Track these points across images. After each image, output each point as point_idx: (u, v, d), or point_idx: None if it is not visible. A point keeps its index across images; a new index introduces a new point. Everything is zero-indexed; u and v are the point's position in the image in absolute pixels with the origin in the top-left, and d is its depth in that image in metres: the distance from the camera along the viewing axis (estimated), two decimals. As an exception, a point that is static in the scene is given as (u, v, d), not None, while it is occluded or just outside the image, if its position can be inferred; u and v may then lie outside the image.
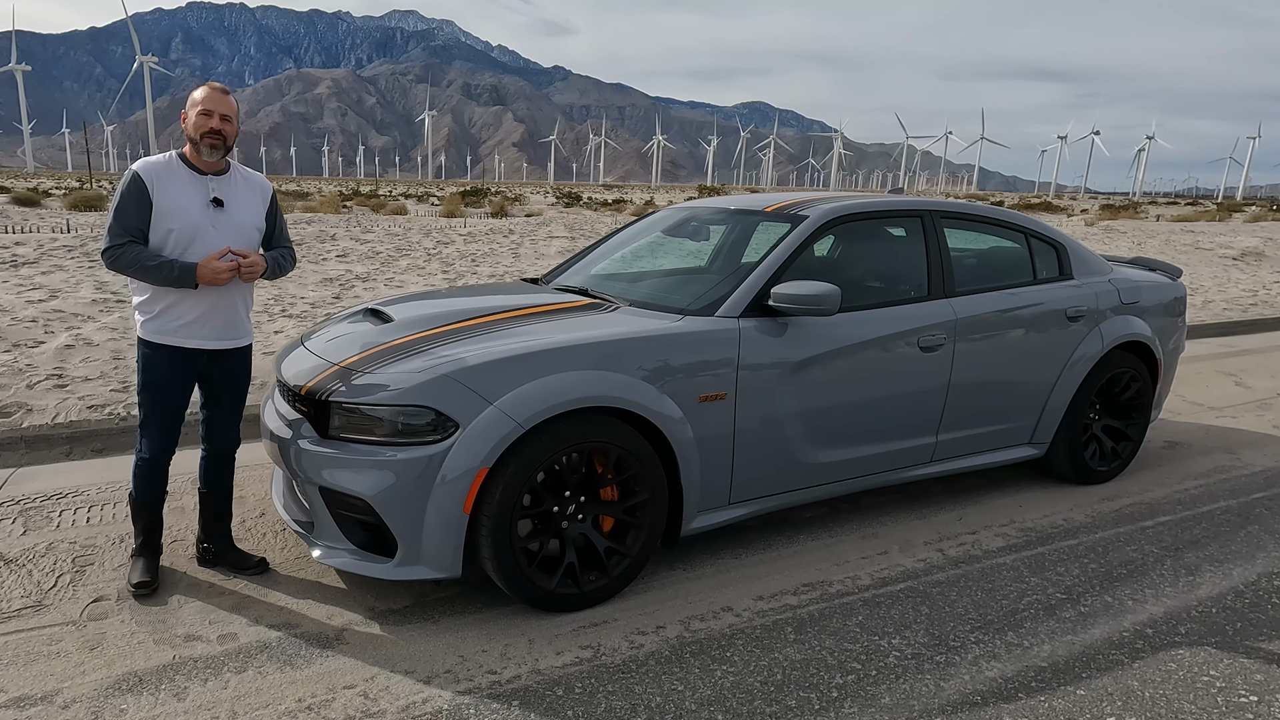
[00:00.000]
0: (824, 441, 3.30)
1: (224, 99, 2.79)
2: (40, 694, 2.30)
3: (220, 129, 2.73)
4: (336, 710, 2.28)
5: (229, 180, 2.84)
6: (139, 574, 2.89)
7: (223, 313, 2.84)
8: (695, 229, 4.31)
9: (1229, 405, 5.79)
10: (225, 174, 2.84)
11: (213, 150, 2.74)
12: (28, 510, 3.52)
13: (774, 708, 2.33)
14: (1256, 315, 9.41)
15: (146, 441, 2.89)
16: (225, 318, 2.85)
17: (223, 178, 2.83)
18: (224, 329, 2.86)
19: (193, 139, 2.74)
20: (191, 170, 2.77)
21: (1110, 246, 17.06)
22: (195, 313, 2.78)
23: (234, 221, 2.81)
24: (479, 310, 3.28)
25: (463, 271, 10.53)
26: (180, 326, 2.78)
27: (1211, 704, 2.38)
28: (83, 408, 4.56)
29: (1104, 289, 4.16)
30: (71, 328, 6.47)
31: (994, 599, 2.98)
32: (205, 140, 2.72)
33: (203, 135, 2.71)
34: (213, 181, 2.79)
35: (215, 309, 2.81)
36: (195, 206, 2.73)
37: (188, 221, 2.71)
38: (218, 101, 2.75)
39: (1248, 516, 3.81)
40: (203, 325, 2.81)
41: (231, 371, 2.96)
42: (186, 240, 2.71)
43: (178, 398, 2.87)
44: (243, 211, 2.84)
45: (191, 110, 2.73)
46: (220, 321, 2.84)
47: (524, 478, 2.63)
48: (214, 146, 2.74)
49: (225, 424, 3.02)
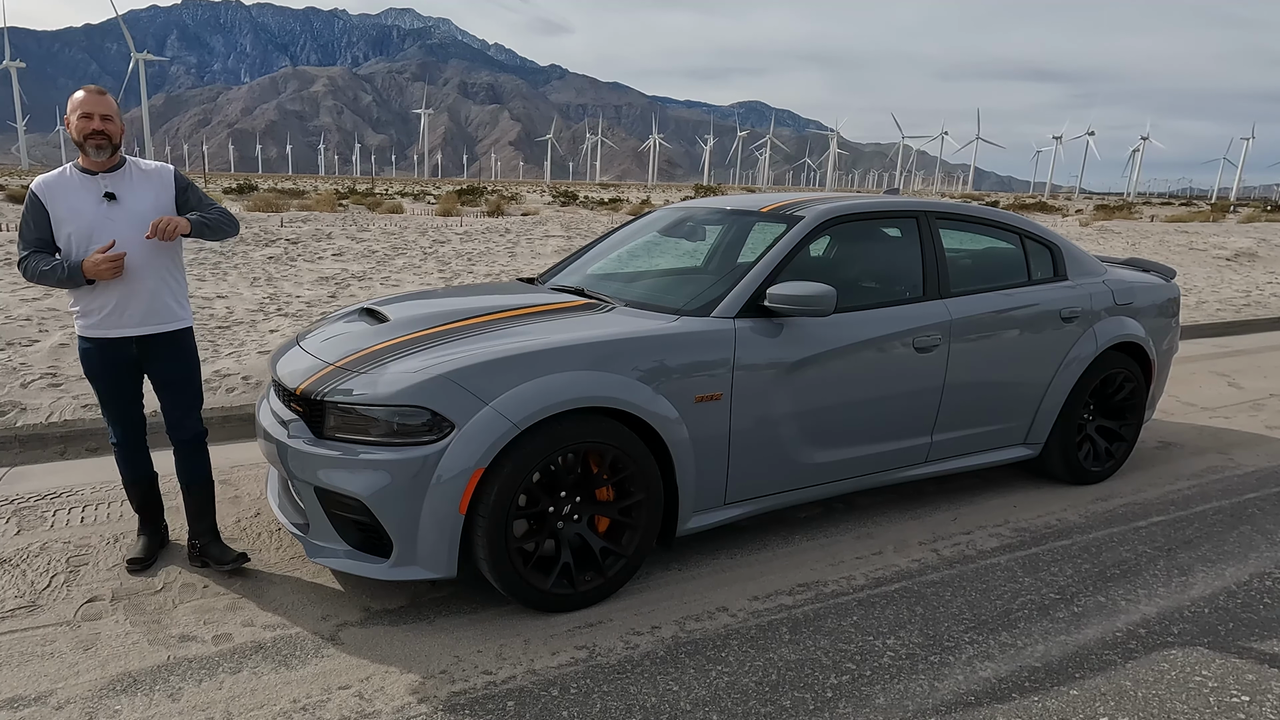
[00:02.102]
0: (819, 442, 3.30)
1: (101, 99, 2.87)
2: (34, 695, 2.30)
3: (102, 129, 2.81)
4: (331, 711, 2.27)
5: (123, 175, 2.91)
6: (137, 550, 3.08)
7: (141, 299, 2.90)
8: (691, 229, 4.31)
9: (1222, 406, 5.81)
10: (119, 169, 2.91)
11: (99, 150, 2.82)
12: (21, 510, 3.51)
13: (769, 708, 2.34)
14: (1250, 316, 9.45)
15: (111, 429, 3.05)
16: (143, 304, 2.91)
17: (115, 173, 2.90)
18: (144, 315, 2.92)
19: (78, 142, 2.83)
20: (84, 174, 2.86)
21: (1105, 247, 17.11)
22: (110, 303, 2.87)
23: (130, 212, 2.86)
24: (475, 310, 3.28)
25: (459, 271, 10.52)
26: (102, 319, 2.88)
27: (1204, 704, 2.39)
28: (77, 407, 4.55)
29: (1098, 290, 4.18)
30: (65, 326, 6.45)
31: (988, 599, 2.99)
32: (90, 141, 2.81)
33: (86, 137, 2.81)
34: (105, 179, 2.86)
35: (130, 297, 2.88)
36: (88, 206, 2.82)
37: (81, 222, 2.81)
38: (96, 103, 2.83)
39: (1240, 517, 3.83)
40: (120, 314, 2.89)
41: (169, 357, 3.00)
42: (84, 239, 2.81)
43: (121, 386, 2.98)
44: (140, 202, 2.90)
45: (73, 115, 2.82)
46: (138, 308, 2.90)
47: (519, 478, 2.63)
48: (99, 146, 2.82)
49: (182, 413, 3.06)
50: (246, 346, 6.00)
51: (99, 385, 2.97)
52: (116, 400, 2.99)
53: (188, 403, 3.06)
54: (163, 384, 3.02)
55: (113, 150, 2.87)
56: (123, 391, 2.99)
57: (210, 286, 8.54)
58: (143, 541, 3.11)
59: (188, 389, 3.06)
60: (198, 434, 3.10)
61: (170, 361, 3.00)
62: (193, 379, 3.08)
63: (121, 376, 2.96)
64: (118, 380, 2.96)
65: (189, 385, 3.07)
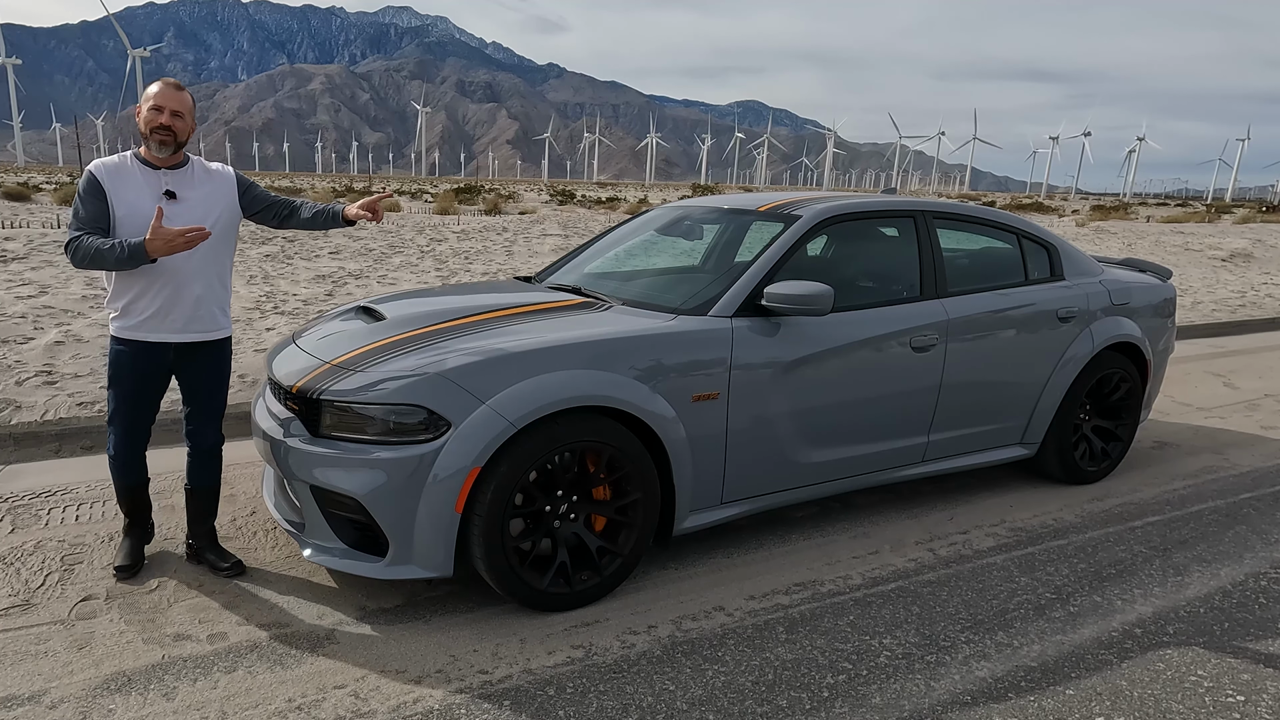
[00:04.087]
0: (816, 441, 3.30)
1: (177, 95, 2.76)
2: (28, 694, 2.29)
3: (170, 124, 2.71)
4: (327, 710, 2.27)
5: (186, 174, 2.82)
6: (122, 557, 2.95)
7: (186, 305, 2.80)
8: (689, 228, 4.31)
9: (1217, 406, 5.83)
10: (182, 168, 2.82)
11: (162, 146, 2.73)
12: (16, 508, 3.50)
13: (765, 707, 2.34)
14: (1245, 316, 9.47)
15: (114, 437, 2.90)
16: (189, 310, 2.81)
17: (178, 171, 2.81)
18: (189, 321, 2.83)
19: (144, 134, 2.73)
20: (146, 167, 2.76)
21: (1101, 247, 17.14)
22: (155, 305, 2.76)
23: (190, 214, 2.77)
24: (472, 309, 3.27)
25: (456, 269, 10.51)
26: (143, 320, 2.77)
27: (1199, 703, 2.40)
28: (72, 404, 4.54)
29: (1095, 290, 4.18)
30: (61, 324, 6.43)
31: (984, 599, 3.00)
32: (155, 135, 2.71)
33: (152, 130, 2.70)
34: (167, 175, 2.78)
35: (176, 300, 2.78)
36: (146, 201, 2.72)
37: (139, 217, 2.70)
38: (169, 97, 2.73)
39: (1235, 517, 3.84)
40: (164, 318, 2.78)
41: (204, 367, 2.92)
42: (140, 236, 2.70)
43: (144, 394, 2.86)
44: (200, 204, 2.81)
45: (144, 105, 2.73)
46: (184, 314, 2.81)
47: (516, 477, 2.63)
48: (163, 142, 2.72)
49: (204, 421, 2.98)
50: (243, 344, 5.99)
51: (122, 389, 2.83)
52: (135, 408, 2.86)
53: (214, 411, 3.00)
54: (193, 392, 2.94)
55: (177, 148, 2.77)
56: (144, 399, 2.87)
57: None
58: (128, 546, 2.99)
59: (217, 397, 3.00)
60: (217, 442, 3.04)
61: (206, 370, 2.92)
62: (224, 388, 3.01)
63: (150, 383, 2.85)
64: (144, 387, 2.84)
65: (219, 394, 3.00)
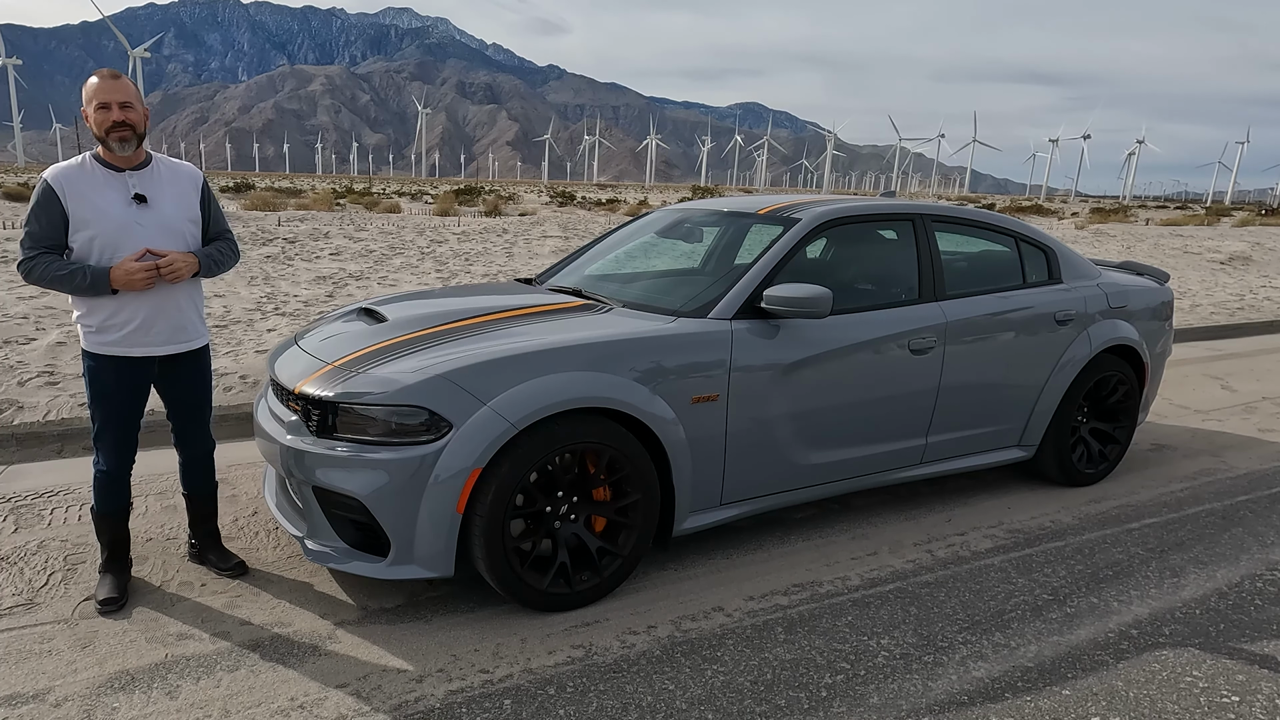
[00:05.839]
0: (815, 443, 3.32)
1: (118, 84, 2.52)
2: (32, 692, 2.30)
3: (124, 119, 2.49)
4: (329, 709, 2.28)
5: (151, 173, 2.62)
6: (105, 590, 2.76)
7: (168, 316, 2.66)
8: (689, 230, 4.33)
9: (1215, 408, 5.84)
10: (146, 166, 2.62)
11: (123, 143, 2.52)
12: (19, 508, 3.51)
13: (764, 707, 2.35)
14: (1243, 319, 9.49)
15: (103, 455, 2.75)
16: (172, 321, 2.68)
17: (143, 171, 2.61)
18: (172, 333, 2.70)
19: (99, 136, 2.51)
20: (108, 169, 2.55)
21: (1100, 250, 17.16)
22: (138, 319, 2.60)
23: (161, 217, 2.60)
24: (473, 310, 3.29)
25: (456, 271, 10.52)
26: (124, 335, 2.61)
27: (1194, 704, 2.42)
28: (74, 405, 4.55)
29: (1092, 293, 4.20)
30: (63, 324, 6.45)
31: (981, 600, 3.01)
32: (113, 135, 2.50)
33: (108, 131, 2.49)
34: (132, 177, 2.57)
35: (159, 312, 2.63)
36: (115, 207, 2.52)
37: (109, 224, 2.51)
38: (111, 90, 2.49)
39: (1232, 519, 3.86)
40: (147, 331, 2.63)
41: (189, 377, 2.83)
42: (111, 245, 2.52)
43: (130, 409, 2.73)
44: (171, 206, 2.63)
45: (89, 107, 2.50)
46: (167, 325, 2.67)
47: (517, 478, 2.64)
48: (124, 139, 2.51)
49: (194, 429, 2.92)
50: (244, 346, 6.00)
51: (106, 407, 2.67)
52: (121, 424, 2.72)
53: (201, 419, 2.94)
54: (178, 403, 2.85)
55: (138, 142, 2.55)
56: (131, 415, 2.73)
57: (207, 286, 8.52)
58: (110, 580, 2.79)
59: (205, 405, 2.93)
60: (209, 448, 3.00)
61: (192, 380, 2.84)
62: (209, 396, 2.94)
63: (135, 399, 2.73)
64: (130, 403, 2.71)
65: (205, 403, 2.93)
